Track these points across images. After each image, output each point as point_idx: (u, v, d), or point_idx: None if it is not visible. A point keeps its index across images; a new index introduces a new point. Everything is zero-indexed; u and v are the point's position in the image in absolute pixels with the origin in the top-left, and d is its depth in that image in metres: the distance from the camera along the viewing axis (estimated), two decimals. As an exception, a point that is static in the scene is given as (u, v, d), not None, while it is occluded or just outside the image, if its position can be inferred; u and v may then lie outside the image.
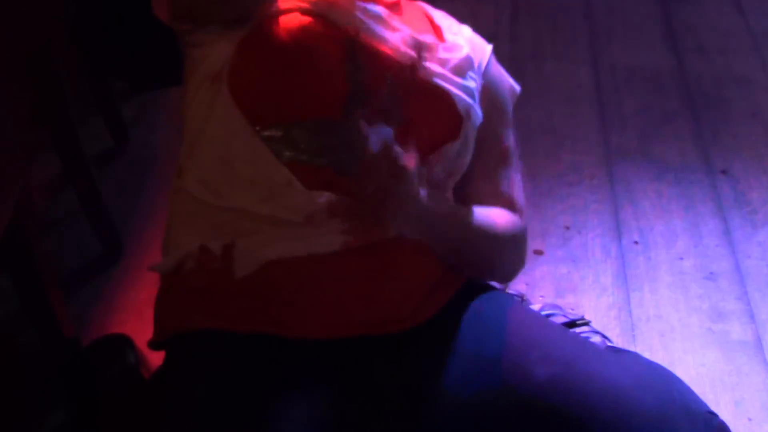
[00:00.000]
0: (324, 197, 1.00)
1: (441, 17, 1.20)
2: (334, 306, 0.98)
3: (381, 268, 1.00)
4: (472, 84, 1.12)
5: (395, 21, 1.09)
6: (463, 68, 1.12)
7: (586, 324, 1.35)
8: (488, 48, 1.21)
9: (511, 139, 1.19)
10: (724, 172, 2.02)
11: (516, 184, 1.18)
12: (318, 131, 1.00)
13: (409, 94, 1.05)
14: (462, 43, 1.15)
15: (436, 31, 1.16)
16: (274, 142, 1.00)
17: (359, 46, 1.05)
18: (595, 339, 1.31)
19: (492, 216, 1.12)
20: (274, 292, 0.98)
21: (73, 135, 1.66)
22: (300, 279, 0.98)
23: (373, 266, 0.99)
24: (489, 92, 1.17)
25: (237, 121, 1.01)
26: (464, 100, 1.09)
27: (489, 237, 1.11)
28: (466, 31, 1.21)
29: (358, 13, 1.06)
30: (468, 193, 1.15)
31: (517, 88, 1.23)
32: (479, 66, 1.16)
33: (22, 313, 1.46)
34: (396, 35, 1.08)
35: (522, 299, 1.44)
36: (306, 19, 1.04)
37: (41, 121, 1.61)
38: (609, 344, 1.33)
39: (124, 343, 1.51)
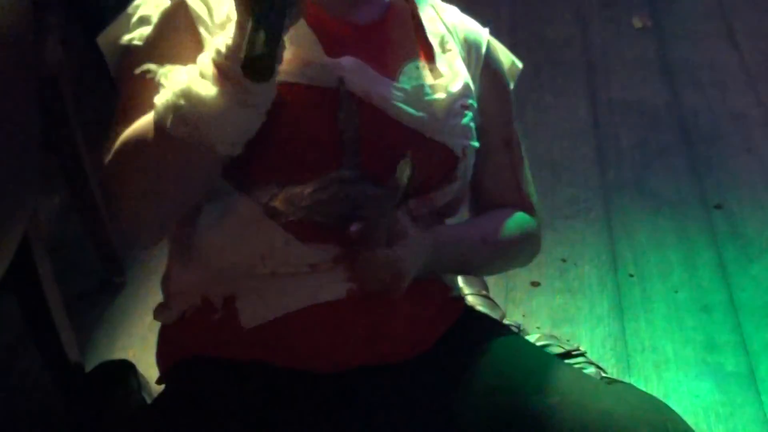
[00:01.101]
0: (327, 249, 0.99)
1: (431, 22, 1.09)
2: (335, 344, 0.99)
3: (382, 309, 1.00)
4: (468, 117, 1.06)
5: (375, 73, 1.02)
6: (458, 105, 1.05)
7: (582, 355, 1.37)
8: (484, 35, 1.13)
9: (514, 128, 1.15)
10: (718, 206, 2.04)
11: (522, 177, 1.15)
12: (315, 188, 0.98)
13: (404, 148, 1.01)
14: (458, 67, 1.07)
15: (427, 51, 1.07)
16: (271, 202, 0.99)
17: (349, 95, 1.00)
18: (590, 370, 1.33)
19: (501, 223, 1.11)
20: (277, 336, 0.99)
21: (80, 162, 1.68)
22: (303, 325, 0.99)
23: (375, 308, 1.00)
24: (489, 82, 1.12)
25: (231, 185, 1.00)
26: (460, 142, 1.05)
27: (500, 247, 1.11)
28: (457, 20, 1.12)
29: (335, 69, 1.00)
30: (474, 192, 1.14)
31: (519, 64, 1.17)
32: (477, 58, 1.11)
33: (27, 336, 1.48)
34: (381, 88, 1.01)
35: (519, 330, 1.46)
36: (286, 86, 0.98)
37: (50, 148, 1.64)
38: (604, 375, 1.34)
39: (127, 368, 1.52)
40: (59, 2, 1.74)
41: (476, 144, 1.07)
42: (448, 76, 1.06)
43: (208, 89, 0.91)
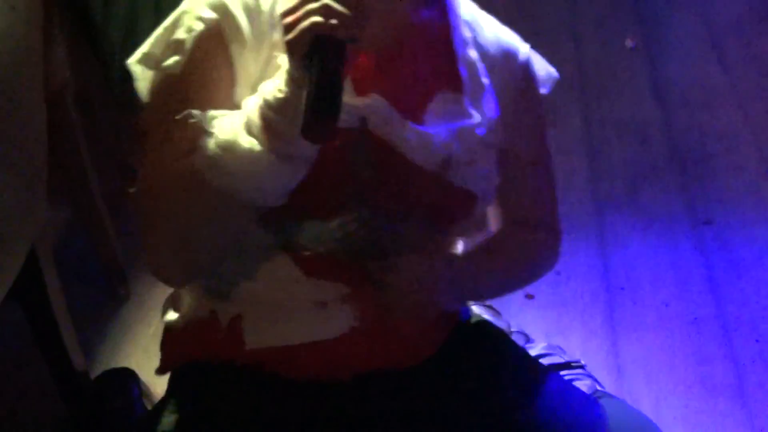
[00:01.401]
0: (337, 287, 0.98)
1: (464, 46, 1.03)
2: (338, 359, 1.00)
3: (381, 331, 1.01)
4: (494, 159, 1.02)
5: (400, 117, 0.97)
6: (484, 147, 1.01)
7: (581, 367, 1.40)
8: (523, 51, 1.08)
9: (544, 147, 1.12)
10: (708, 222, 2.07)
11: (544, 195, 1.13)
12: (335, 225, 0.98)
13: (423, 191, 0.99)
14: (486, 105, 1.02)
15: (455, 82, 1.01)
16: (289, 238, 0.98)
17: (369, 136, 0.96)
18: (586, 382, 1.36)
19: (516, 252, 1.11)
20: (280, 355, 1.00)
21: (85, 175, 1.71)
22: (305, 352, 0.99)
23: (374, 334, 1.00)
24: (522, 101, 1.07)
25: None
26: (482, 186, 1.01)
27: (513, 276, 1.12)
28: (494, 38, 1.06)
29: (360, 110, 0.95)
30: (496, 203, 1.11)
31: (555, 73, 1.12)
32: (512, 77, 1.06)
33: (33, 345, 1.50)
34: (406, 133, 0.96)
35: (527, 337, 1.48)
36: None
37: (56, 162, 1.66)
38: (599, 388, 1.37)
39: (129, 376, 1.55)
40: (65, 16, 1.76)
41: (497, 182, 1.04)
42: (476, 117, 1.01)
43: (253, 143, 0.88)
